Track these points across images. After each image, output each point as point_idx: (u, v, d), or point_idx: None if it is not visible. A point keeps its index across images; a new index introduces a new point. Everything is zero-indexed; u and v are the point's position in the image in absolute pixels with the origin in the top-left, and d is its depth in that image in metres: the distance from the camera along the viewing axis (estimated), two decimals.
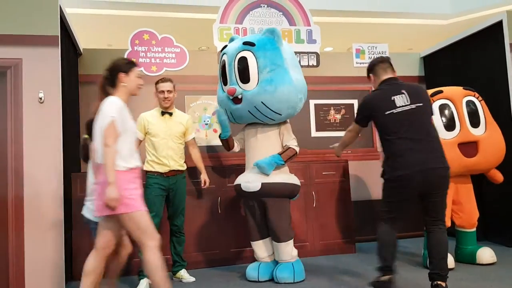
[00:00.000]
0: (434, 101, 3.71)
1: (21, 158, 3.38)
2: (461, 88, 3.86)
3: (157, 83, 3.72)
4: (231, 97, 3.50)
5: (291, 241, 3.49)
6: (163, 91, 3.65)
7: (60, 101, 3.52)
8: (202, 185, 3.83)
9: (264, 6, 5.30)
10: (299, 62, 5.31)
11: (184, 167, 3.72)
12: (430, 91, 3.81)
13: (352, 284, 3.33)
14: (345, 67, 5.55)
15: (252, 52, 3.46)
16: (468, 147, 3.64)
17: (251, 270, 3.58)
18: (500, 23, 4.43)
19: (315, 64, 5.34)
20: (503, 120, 4.19)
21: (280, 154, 3.51)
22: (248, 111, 3.48)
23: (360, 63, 5.62)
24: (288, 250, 3.47)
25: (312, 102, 5.34)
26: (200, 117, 4.99)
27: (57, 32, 3.55)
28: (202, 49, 7.10)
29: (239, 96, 3.46)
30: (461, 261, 3.83)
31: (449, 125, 3.69)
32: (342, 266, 3.95)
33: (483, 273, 3.46)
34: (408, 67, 5.76)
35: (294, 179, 3.59)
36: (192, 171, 4.05)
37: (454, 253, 3.88)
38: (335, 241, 4.50)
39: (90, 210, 2.65)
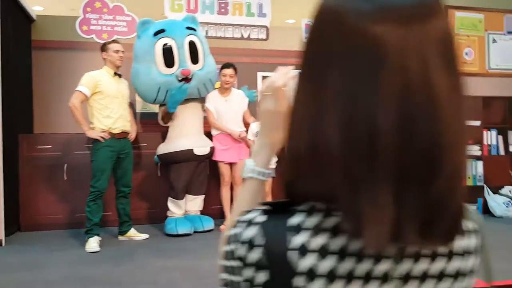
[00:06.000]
0: None
1: None
2: None
3: (109, 43, 3.78)
4: (181, 77, 3.82)
5: None
6: (118, 51, 3.72)
7: None
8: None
9: None
10: (249, 35, 5.55)
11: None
12: None
13: None
14: (295, 41, 5.78)
15: (197, 37, 4.03)
16: None
17: (183, 224, 3.98)
18: None
19: (264, 37, 5.56)
20: None
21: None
22: (198, 88, 4.00)
23: None
24: None
25: (260, 75, 5.60)
26: None
27: None
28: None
29: (190, 76, 3.86)
30: None
31: None
32: None
33: None
34: None
35: None
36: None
37: None
38: None
39: None
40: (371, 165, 0.43)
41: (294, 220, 0.47)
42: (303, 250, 0.45)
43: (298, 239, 0.46)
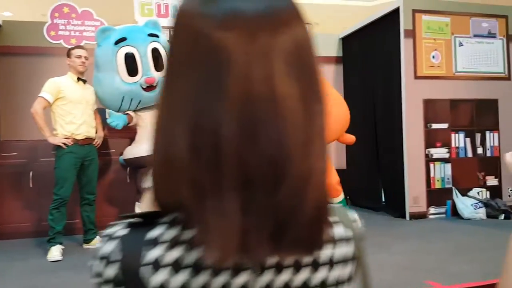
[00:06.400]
0: None
1: None
2: None
3: (72, 49, 3.74)
4: (146, 86, 3.77)
5: None
6: (80, 56, 3.67)
7: None
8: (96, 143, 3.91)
9: None
10: None
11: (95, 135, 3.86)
12: None
13: None
14: None
15: (160, 43, 3.95)
16: None
17: None
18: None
19: None
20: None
21: None
22: None
23: None
24: None
25: None
26: None
27: None
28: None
29: (154, 84, 3.81)
30: None
31: None
32: None
33: None
34: (327, 47, 6.05)
35: None
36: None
37: None
38: None
39: None
40: (216, 173, 0.41)
41: (154, 233, 0.45)
42: (156, 265, 0.44)
43: (152, 254, 0.44)
